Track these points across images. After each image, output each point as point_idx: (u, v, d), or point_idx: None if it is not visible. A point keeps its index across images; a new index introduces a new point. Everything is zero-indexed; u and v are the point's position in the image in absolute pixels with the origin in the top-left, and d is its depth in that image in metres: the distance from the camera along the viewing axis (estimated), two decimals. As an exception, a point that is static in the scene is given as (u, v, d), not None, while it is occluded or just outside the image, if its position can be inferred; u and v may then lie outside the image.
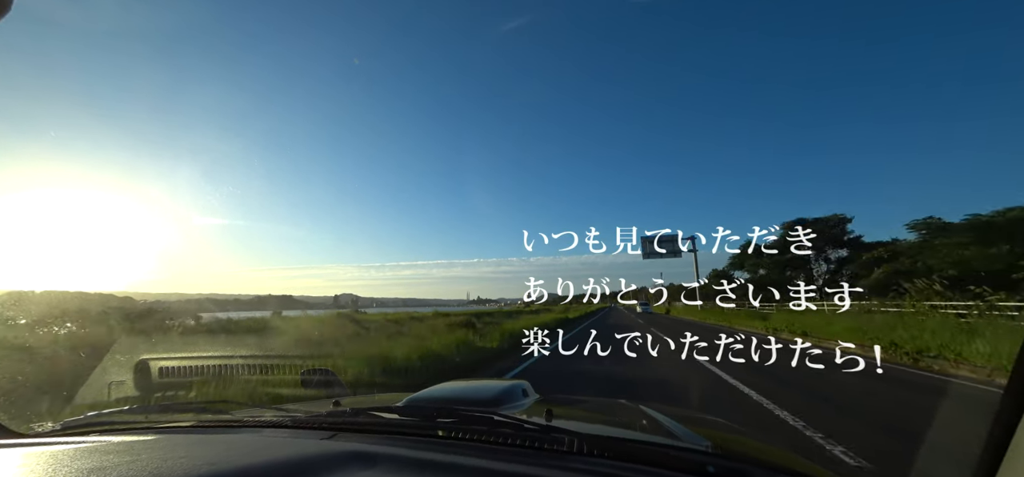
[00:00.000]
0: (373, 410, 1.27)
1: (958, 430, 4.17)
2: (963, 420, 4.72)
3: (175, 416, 1.42)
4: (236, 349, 5.21)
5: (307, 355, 7.82)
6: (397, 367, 7.05)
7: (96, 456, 0.82)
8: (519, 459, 0.90)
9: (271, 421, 1.27)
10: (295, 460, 0.86)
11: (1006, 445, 0.72)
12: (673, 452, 0.97)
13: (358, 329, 14.87)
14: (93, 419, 1.33)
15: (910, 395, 5.88)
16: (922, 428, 4.16)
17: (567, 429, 1.02)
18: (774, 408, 4.92)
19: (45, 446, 1.02)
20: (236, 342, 10.52)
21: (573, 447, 0.95)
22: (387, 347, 8.70)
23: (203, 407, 1.48)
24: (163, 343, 8.64)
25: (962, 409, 5.41)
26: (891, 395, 5.82)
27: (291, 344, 10.85)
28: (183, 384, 3.30)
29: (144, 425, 1.33)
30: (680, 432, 1.26)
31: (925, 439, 3.81)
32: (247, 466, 0.80)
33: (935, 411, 5.11)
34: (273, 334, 12.96)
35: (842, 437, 3.80)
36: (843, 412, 4.85)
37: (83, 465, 0.75)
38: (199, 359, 3.78)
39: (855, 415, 4.73)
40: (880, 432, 4.12)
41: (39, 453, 0.89)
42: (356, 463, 0.87)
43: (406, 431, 1.13)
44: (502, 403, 1.43)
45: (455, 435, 1.06)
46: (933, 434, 4.06)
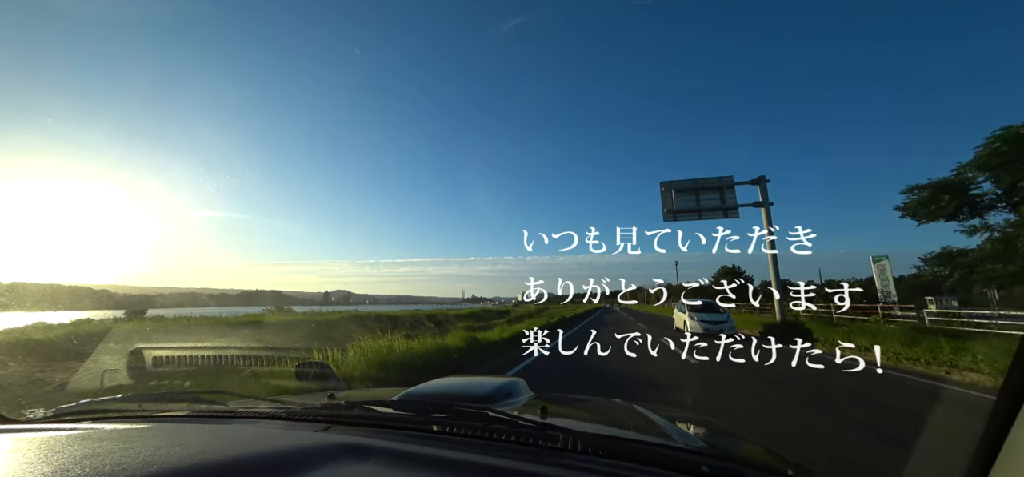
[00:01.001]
0: (368, 403, 1.27)
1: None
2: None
3: (169, 405, 1.42)
4: (231, 340, 5.19)
5: (303, 348, 7.82)
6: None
7: (89, 443, 0.82)
8: (513, 455, 0.90)
9: (265, 412, 1.27)
10: (289, 451, 0.86)
11: (999, 445, 0.73)
12: (667, 451, 0.97)
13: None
14: (86, 407, 1.32)
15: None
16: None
17: (562, 426, 1.02)
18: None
19: (38, 432, 1.01)
20: (231, 334, 10.49)
21: (568, 445, 0.95)
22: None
23: (197, 397, 1.48)
24: (156, 333, 8.61)
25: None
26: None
27: (286, 338, 10.84)
28: (177, 374, 3.29)
29: (138, 413, 1.32)
30: (673, 431, 1.26)
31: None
32: (241, 456, 0.80)
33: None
34: (268, 328, 12.95)
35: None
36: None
37: (76, 452, 0.75)
38: (193, 350, 3.76)
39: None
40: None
41: (32, 439, 0.89)
42: (350, 455, 0.87)
43: (400, 425, 1.13)
44: (497, 400, 1.43)
45: (449, 430, 1.06)
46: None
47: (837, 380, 6.46)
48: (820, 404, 5.25)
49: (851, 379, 6.49)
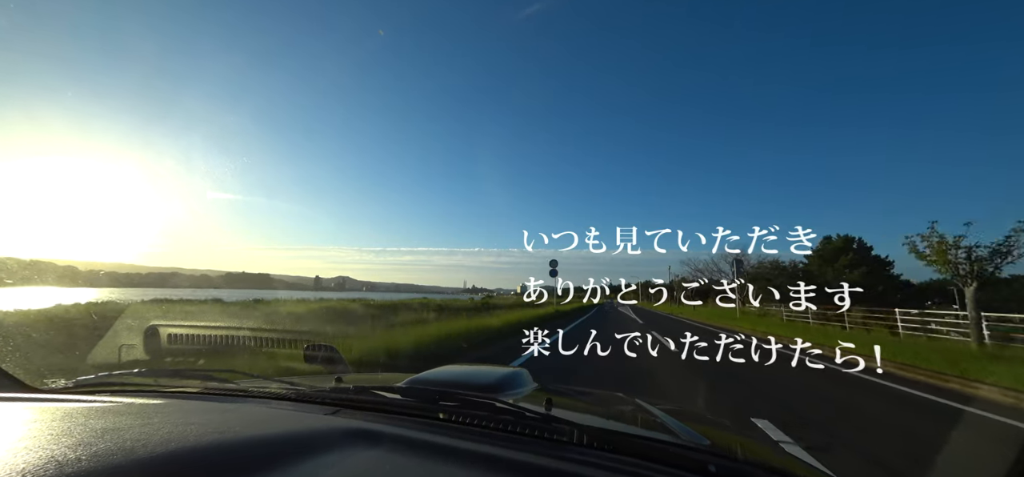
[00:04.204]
0: (376, 389, 1.28)
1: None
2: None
3: (184, 381, 1.46)
4: (243, 321, 5.31)
5: (312, 331, 7.94)
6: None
7: (110, 417, 0.84)
8: (519, 446, 0.91)
9: (276, 393, 1.30)
10: (301, 433, 0.87)
11: None
12: (674, 449, 0.96)
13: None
14: (105, 379, 1.37)
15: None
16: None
17: (567, 419, 1.03)
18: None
19: (60, 403, 1.05)
20: (243, 314, 10.70)
21: (573, 438, 0.95)
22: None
23: (209, 375, 1.52)
24: (171, 313, 8.82)
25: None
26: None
27: (295, 321, 11.02)
28: (191, 351, 3.37)
29: (154, 388, 1.36)
30: (678, 428, 1.26)
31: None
32: (254, 436, 0.82)
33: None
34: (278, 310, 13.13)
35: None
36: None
37: (97, 425, 0.77)
38: (207, 329, 3.85)
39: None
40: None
41: (54, 409, 0.92)
42: (360, 441, 0.88)
43: (408, 411, 1.14)
44: (502, 389, 1.43)
45: (456, 419, 1.07)
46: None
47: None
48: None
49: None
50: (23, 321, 8.01)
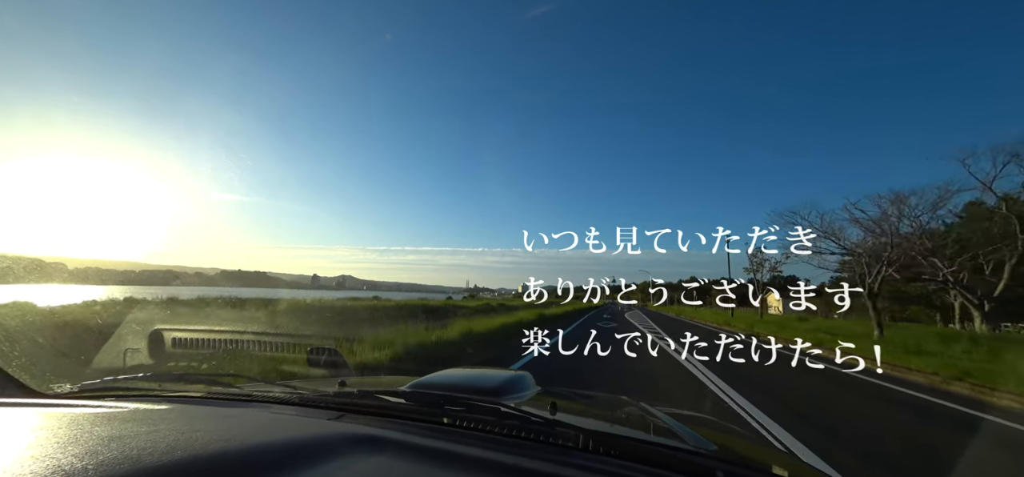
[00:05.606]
0: (379, 393, 1.28)
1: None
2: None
3: (187, 386, 1.46)
4: (247, 325, 5.31)
5: (317, 334, 7.94)
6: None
7: (115, 423, 0.84)
8: (524, 452, 0.90)
9: (279, 397, 1.29)
10: (305, 439, 0.87)
11: None
12: (682, 455, 0.95)
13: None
14: (110, 384, 1.37)
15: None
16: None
17: (573, 424, 1.01)
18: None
19: (65, 408, 1.05)
20: (246, 318, 10.72)
21: (578, 443, 0.94)
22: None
23: (213, 379, 1.52)
24: (175, 315, 8.86)
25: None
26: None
27: (300, 323, 11.03)
28: (195, 355, 3.37)
29: (158, 393, 1.36)
30: (683, 433, 1.25)
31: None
32: (259, 443, 0.81)
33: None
34: (283, 312, 13.16)
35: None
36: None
37: (103, 432, 0.77)
38: (210, 333, 3.85)
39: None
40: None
41: (61, 415, 0.92)
42: (364, 447, 0.88)
43: (412, 416, 1.13)
44: (506, 393, 1.42)
45: (461, 424, 1.06)
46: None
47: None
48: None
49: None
50: (30, 322, 8.07)
